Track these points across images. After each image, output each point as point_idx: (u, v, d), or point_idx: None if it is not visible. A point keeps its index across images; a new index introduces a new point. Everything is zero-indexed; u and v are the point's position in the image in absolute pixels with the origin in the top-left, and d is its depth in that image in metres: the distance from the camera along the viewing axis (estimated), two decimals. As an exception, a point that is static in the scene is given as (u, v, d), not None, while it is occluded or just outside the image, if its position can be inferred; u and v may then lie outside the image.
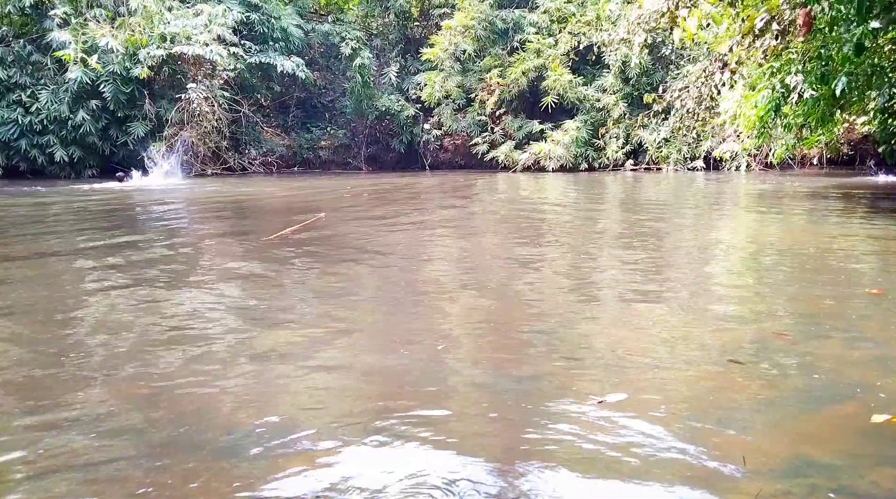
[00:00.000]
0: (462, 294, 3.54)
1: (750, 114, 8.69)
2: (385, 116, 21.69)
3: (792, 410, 1.95)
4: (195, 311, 3.18)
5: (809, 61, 7.58)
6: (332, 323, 2.96)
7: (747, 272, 4.16)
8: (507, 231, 6.35)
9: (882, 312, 3.01)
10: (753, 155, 16.42)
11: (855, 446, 1.72)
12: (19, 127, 15.92)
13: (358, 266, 4.37)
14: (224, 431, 1.84)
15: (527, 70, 18.62)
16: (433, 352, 2.51)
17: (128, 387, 2.17)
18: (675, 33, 8.77)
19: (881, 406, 1.93)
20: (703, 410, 1.95)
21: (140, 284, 3.76)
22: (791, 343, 2.54)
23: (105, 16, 16.31)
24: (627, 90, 18.42)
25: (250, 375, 2.28)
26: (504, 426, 1.87)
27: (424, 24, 22.95)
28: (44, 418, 1.94)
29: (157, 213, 8.58)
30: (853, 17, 6.40)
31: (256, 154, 19.85)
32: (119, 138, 16.96)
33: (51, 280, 3.99)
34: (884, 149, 11.37)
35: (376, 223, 6.98)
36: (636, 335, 2.70)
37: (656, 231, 6.11)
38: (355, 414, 1.95)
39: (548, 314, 3.08)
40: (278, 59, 18.70)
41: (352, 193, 11.29)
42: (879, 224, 6.16)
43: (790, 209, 7.78)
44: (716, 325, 2.85)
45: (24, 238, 5.97)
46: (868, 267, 4.17)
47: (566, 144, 17.89)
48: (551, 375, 2.26)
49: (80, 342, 2.69)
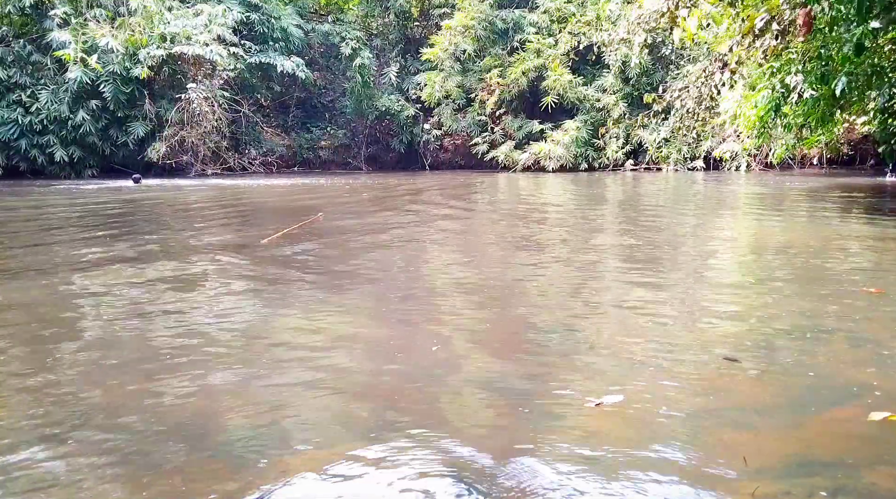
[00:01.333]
0: (461, 295, 3.54)
1: (750, 114, 8.69)
2: (385, 116, 21.70)
3: (791, 410, 1.95)
4: (195, 317, 3.18)
5: (809, 61, 7.58)
6: (331, 327, 2.96)
7: (747, 272, 4.16)
8: (507, 232, 6.35)
9: (882, 311, 3.00)
10: (753, 155, 16.42)
11: (854, 446, 1.72)
12: (19, 127, 15.93)
13: (358, 267, 4.37)
14: (225, 432, 1.83)
15: (527, 70, 18.63)
16: (434, 353, 2.51)
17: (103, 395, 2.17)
18: (675, 33, 8.77)
19: (880, 406, 1.93)
20: (702, 410, 1.94)
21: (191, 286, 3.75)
22: (800, 343, 2.54)
23: (105, 16, 16.32)
24: (627, 90, 18.43)
25: (247, 378, 2.28)
26: (504, 427, 1.86)
27: (424, 24, 22.97)
28: (44, 417, 1.94)
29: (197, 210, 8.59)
30: (853, 17, 6.40)
31: (256, 154, 19.86)
32: (119, 138, 16.97)
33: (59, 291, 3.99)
34: (884, 149, 11.37)
35: (376, 224, 6.98)
36: (636, 335, 2.69)
37: (656, 231, 6.11)
38: (354, 415, 1.95)
39: (548, 315, 3.07)
40: (278, 59, 18.71)
41: (354, 190, 11.29)
42: (879, 224, 6.15)
43: (790, 209, 7.78)
44: (716, 325, 2.84)
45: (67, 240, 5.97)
46: (869, 266, 4.16)
47: (566, 144, 17.90)
48: (551, 376, 2.25)
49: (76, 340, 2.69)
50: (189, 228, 6.87)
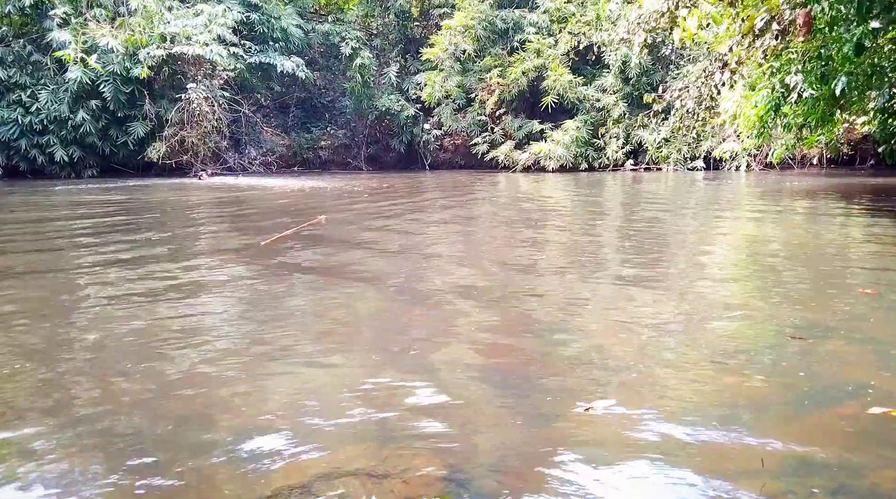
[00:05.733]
0: (460, 297, 3.54)
1: (750, 114, 8.70)
2: (385, 116, 21.69)
3: (791, 409, 1.95)
4: (200, 316, 3.18)
5: (809, 61, 7.58)
6: (331, 330, 2.96)
7: (747, 272, 4.16)
8: (507, 233, 6.35)
9: (882, 311, 3.01)
10: (753, 155, 16.42)
11: (855, 445, 1.72)
12: (19, 127, 15.92)
13: (358, 271, 4.37)
14: (228, 435, 1.84)
15: (527, 70, 18.62)
16: (432, 353, 2.51)
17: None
18: (675, 33, 8.76)
19: (880, 403, 1.93)
20: (702, 410, 1.95)
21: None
22: (799, 343, 2.54)
23: (105, 16, 16.31)
24: (627, 90, 18.42)
25: (249, 378, 2.28)
26: (503, 427, 1.87)
27: (424, 24, 22.96)
28: (44, 417, 1.94)
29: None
30: (853, 17, 6.41)
31: (256, 154, 19.86)
32: (119, 138, 16.96)
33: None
34: (884, 149, 11.38)
35: (376, 224, 6.98)
36: (635, 335, 2.69)
37: (655, 231, 6.11)
38: (354, 417, 1.96)
39: (547, 316, 3.08)
40: (278, 59, 18.70)
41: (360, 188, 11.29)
42: (879, 223, 6.15)
43: (790, 209, 7.78)
44: (715, 325, 2.84)
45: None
46: (868, 266, 4.17)
47: (566, 144, 17.89)
48: (553, 376, 2.26)
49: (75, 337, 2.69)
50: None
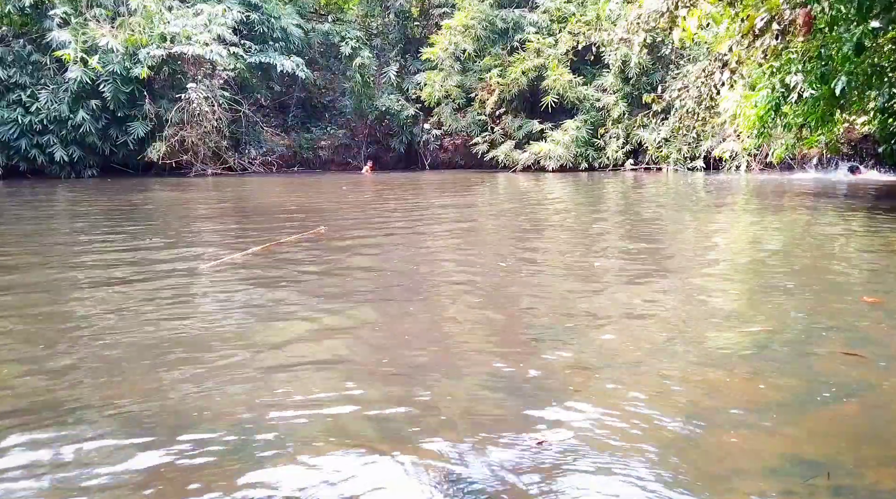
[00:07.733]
0: (460, 297, 3.54)
1: (750, 113, 8.69)
2: (385, 116, 21.68)
3: (792, 410, 1.96)
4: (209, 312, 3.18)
5: (809, 61, 7.58)
6: (331, 330, 2.96)
7: (748, 272, 4.17)
8: (508, 233, 6.35)
9: (881, 311, 3.01)
10: (753, 155, 16.40)
11: (855, 445, 1.72)
12: (19, 127, 15.89)
13: (358, 270, 4.37)
14: (228, 431, 1.84)
15: (527, 70, 18.61)
16: (431, 354, 2.51)
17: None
18: (674, 33, 8.76)
19: (881, 404, 1.94)
20: (702, 410, 1.95)
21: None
22: (799, 343, 2.54)
23: (105, 16, 16.30)
24: (627, 90, 18.41)
25: (251, 378, 2.29)
26: (503, 428, 1.87)
27: (424, 23, 22.96)
28: (44, 417, 1.94)
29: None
30: (853, 16, 6.41)
31: (256, 154, 19.84)
32: (119, 138, 16.95)
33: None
34: (884, 149, 11.37)
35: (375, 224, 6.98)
36: (635, 335, 2.70)
37: (655, 231, 6.11)
38: (352, 417, 1.96)
39: (547, 317, 3.08)
40: (278, 59, 18.69)
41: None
42: (879, 223, 6.16)
43: (789, 209, 7.78)
44: (716, 325, 2.85)
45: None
46: (867, 267, 4.17)
47: (566, 144, 17.88)
48: (552, 377, 2.26)
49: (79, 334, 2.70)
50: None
